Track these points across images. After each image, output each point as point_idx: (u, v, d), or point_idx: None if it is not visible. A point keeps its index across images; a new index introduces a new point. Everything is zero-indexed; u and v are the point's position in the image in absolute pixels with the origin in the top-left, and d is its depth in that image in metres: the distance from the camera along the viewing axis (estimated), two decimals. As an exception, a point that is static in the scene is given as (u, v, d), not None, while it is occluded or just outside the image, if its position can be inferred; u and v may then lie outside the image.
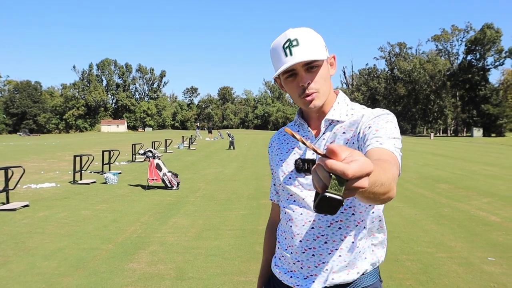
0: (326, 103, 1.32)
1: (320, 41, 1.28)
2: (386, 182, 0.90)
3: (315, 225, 1.28)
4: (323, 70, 1.26)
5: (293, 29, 1.26)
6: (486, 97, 72.06)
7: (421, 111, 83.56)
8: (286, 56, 1.23)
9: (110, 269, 4.42)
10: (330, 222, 1.26)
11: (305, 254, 1.30)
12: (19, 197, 8.69)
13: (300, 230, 1.31)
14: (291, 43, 1.23)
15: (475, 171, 13.55)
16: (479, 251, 4.99)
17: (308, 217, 1.29)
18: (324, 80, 1.26)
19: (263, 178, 11.65)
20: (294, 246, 1.32)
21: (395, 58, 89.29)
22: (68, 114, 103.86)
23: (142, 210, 7.50)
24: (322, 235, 1.27)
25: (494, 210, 7.39)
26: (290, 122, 1.52)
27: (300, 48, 1.22)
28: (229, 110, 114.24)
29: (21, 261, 4.70)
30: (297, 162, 1.32)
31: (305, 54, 1.21)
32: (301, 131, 1.39)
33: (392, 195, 0.95)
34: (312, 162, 1.30)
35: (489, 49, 72.37)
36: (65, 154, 21.14)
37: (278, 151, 1.45)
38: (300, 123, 1.39)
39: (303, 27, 1.28)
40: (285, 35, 1.25)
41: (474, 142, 40.92)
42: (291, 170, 1.35)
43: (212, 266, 4.54)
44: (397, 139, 1.17)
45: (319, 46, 1.26)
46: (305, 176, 1.30)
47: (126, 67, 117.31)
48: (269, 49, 1.31)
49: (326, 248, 1.27)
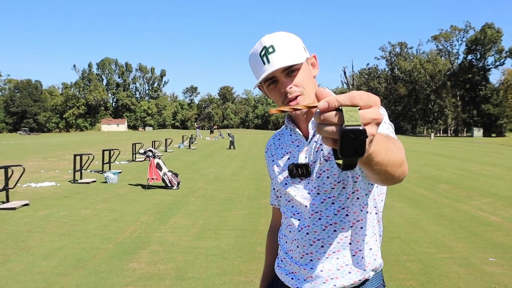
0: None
1: (297, 43, 1.26)
2: (398, 151, 0.91)
3: (310, 231, 1.27)
4: (304, 72, 1.25)
5: (269, 35, 1.25)
6: (487, 97, 72.09)
7: (422, 111, 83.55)
8: (264, 64, 1.22)
9: (110, 269, 4.41)
10: (325, 225, 1.25)
11: (303, 259, 1.29)
12: (19, 196, 8.68)
13: (297, 235, 1.30)
14: (267, 51, 1.22)
15: (475, 171, 13.54)
16: (480, 252, 4.98)
17: (304, 222, 1.29)
18: (307, 81, 1.25)
19: (263, 178, 11.64)
20: (293, 251, 1.33)
21: (396, 58, 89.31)
22: (68, 113, 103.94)
23: (142, 209, 7.49)
24: (318, 240, 1.26)
25: (494, 210, 7.37)
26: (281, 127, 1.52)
27: (277, 54, 1.21)
28: (229, 110, 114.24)
29: (20, 260, 4.69)
30: (289, 167, 1.34)
31: (282, 60, 1.20)
32: (293, 135, 1.38)
33: (406, 169, 0.95)
34: (305, 166, 1.30)
35: (490, 49, 72.45)
36: (65, 153, 21.13)
37: (273, 157, 1.44)
38: (291, 128, 1.38)
39: (278, 32, 1.27)
40: (261, 42, 1.24)
41: (474, 142, 40.92)
42: (286, 175, 1.34)
43: (212, 266, 4.53)
44: (389, 124, 1.17)
45: (296, 49, 1.24)
46: (300, 181, 1.30)
47: (126, 67, 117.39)
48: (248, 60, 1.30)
49: (323, 252, 1.26)
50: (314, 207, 1.27)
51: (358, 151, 0.66)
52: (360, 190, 1.24)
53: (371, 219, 1.28)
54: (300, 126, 1.37)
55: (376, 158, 0.81)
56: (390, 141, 0.89)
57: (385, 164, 0.86)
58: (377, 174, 0.89)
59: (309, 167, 1.28)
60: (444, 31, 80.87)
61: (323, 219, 1.26)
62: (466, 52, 76.08)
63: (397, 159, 0.90)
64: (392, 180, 0.96)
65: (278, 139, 1.47)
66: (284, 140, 1.42)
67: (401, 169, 0.93)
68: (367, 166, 0.84)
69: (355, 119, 0.65)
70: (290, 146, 1.37)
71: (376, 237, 1.31)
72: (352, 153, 0.66)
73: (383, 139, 0.84)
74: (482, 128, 66.86)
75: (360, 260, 1.26)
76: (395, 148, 0.90)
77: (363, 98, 0.68)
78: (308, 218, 1.28)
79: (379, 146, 0.81)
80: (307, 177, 1.28)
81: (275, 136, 1.50)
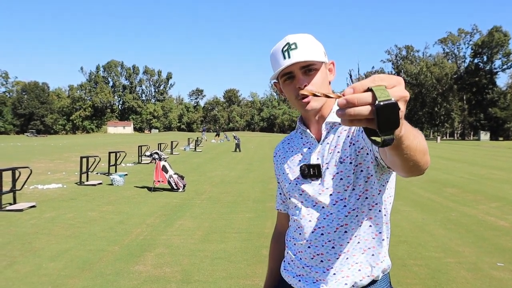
0: (325, 107, 1.33)
1: (319, 46, 1.30)
2: (423, 139, 0.95)
3: (324, 231, 1.29)
4: (321, 74, 1.28)
5: (293, 34, 1.29)
6: (494, 101, 71.61)
7: (428, 114, 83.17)
8: (285, 59, 1.25)
9: (116, 271, 4.41)
10: (336, 227, 1.27)
11: (314, 260, 1.30)
12: (26, 198, 8.72)
13: (308, 237, 1.31)
14: (289, 47, 1.25)
15: (482, 175, 13.44)
16: (488, 257, 4.93)
17: (317, 223, 1.30)
18: (321, 83, 1.27)
19: (269, 181, 11.63)
20: (303, 252, 1.33)
21: (402, 61, 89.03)
22: (75, 115, 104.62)
23: (148, 212, 7.50)
24: (329, 241, 1.28)
25: (502, 215, 7.31)
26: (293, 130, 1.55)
27: (299, 51, 1.24)
28: (235, 113, 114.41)
29: (27, 262, 4.71)
30: (302, 167, 1.35)
31: (302, 56, 1.23)
32: (304, 138, 1.40)
33: (429, 160, 1.00)
34: (317, 167, 1.31)
35: (497, 52, 72.00)
36: (71, 155, 21.24)
37: (283, 160, 1.46)
38: (303, 130, 1.40)
39: (304, 33, 1.30)
40: (285, 39, 1.27)
41: (481, 146, 40.62)
42: (297, 177, 1.36)
43: (218, 269, 4.52)
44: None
45: (317, 50, 1.28)
46: (311, 182, 1.31)
47: (133, 69, 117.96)
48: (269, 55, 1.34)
49: (334, 253, 1.27)
50: (327, 209, 1.29)
51: (395, 123, 0.70)
52: (370, 189, 1.25)
53: (380, 219, 1.29)
54: (310, 128, 1.39)
55: (406, 141, 0.85)
56: (414, 128, 0.92)
57: (413, 148, 0.89)
58: (405, 161, 0.92)
59: (321, 168, 1.30)
60: (451, 34, 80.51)
61: (335, 221, 1.27)
62: (472, 55, 75.70)
63: (423, 145, 0.93)
64: (418, 169, 0.99)
65: (288, 143, 1.49)
66: (294, 144, 1.45)
67: (425, 157, 0.97)
68: (397, 150, 0.88)
69: (386, 95, 0.69)
70: (301, 148, 1.40)
71: (384, 237, 1.32)
72: (390, 127, 0.71)
73: (409, 125, 0.87)
74: (489, 131, 66.34)
75: (369, 258, 1.28)
76: (419, 135, 0.93)
77: (385, 79, 0.73)
78: (322, 220, 1.29)
79: (407, 130, 0.85)
80: (319, 177, 1.30)
81: (284, 140, 1.52)
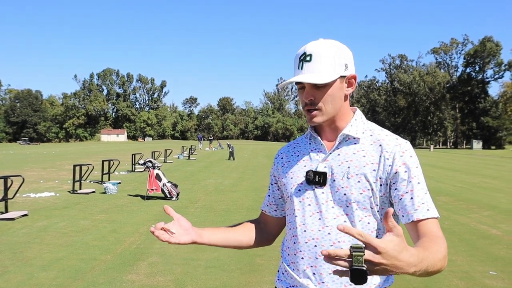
0: (341, 119, 1.32)
1: (339, 59, 1.24)
2: (439, 261, 1.08)
3: (318, 243, 1.26)
4: (333, 90, 1.25)
5: (315, 42, 1.27)
6: (486, 110, 72.26)
7: (421, 123, 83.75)
8: (298, 68, 1.26)
9: (109, 280, 4.38)
10: (333, 241, 1.25)
11: (307, 271, 1.29)
12: (18, 206, 8.65)
13: (302, 247, 1.29)
14: (305, 57, 1.24)
15: (475, 184, 13.53)
16: (480, 265, 4.95)
17: (312, 234, 1.28)
18: (331, 99, 1.26)
19: (262, 189, 11.62)
20: (296, 263, 1.31)
21: (396, 70, 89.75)
22: (68, 123, 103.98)
23: (141, 220, 7.46)
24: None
25: (495, 223, 7.35)
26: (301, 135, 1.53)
27: (311, 65, 1.23)
28: (229, 121, 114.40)
29: (18, 271, 4.66)
30: (308, 173, 1.32)
31: (310, 77, 1.22)
32: (313, 144, 1.38)
33: (444, 265, 1.12)
34: (323, 175, 1.29)
35: (489, 62, 72.79)
36: (64, 163, 21.11)
37: (288, 163, 1.42)
38: (312, 136, 1.38)
39: (328, 40, 1.28)
40: (305, 47, 1.26)
41: (473, 155, 40.90)
42: (300, 182, 1.34)
43: (212, 278, 4.50)
44: (426, 189, 1.30)
45: (333, 65, 1.23)
46: (314, 189, 1.29)
47: (127, 77, 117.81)
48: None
49: (328, 268, 1.24)
50: (326, 221, 1.27)
51: (363, 282, 0.89)
52: (371, 208, 1.25)
53: (380, 236, 1.28)
54: (322, 136, 1.37)
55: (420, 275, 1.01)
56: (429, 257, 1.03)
57: (424, 275, 1.03)
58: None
59: (326, 176, 1.28)
60: (444, 44, 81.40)
61: (332, 235, 1.25)
62: (465, 65, 76.50)
63: (435, 269, 1.05)
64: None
65: (294, 147, 1.46)
66: (301, 148, 1.42)
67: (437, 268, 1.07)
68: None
69: (360, 261, 0.88)
70: (309, 153, 1.37)
71: None
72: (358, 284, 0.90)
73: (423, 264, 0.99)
74: (481, 140, 66.85)
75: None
76: (435, 259, 1.06)
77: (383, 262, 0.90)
78: (317, 231, 1.27)
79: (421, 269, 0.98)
80: (323, 185, 1.28)
81: (290, 144, 1.50)
